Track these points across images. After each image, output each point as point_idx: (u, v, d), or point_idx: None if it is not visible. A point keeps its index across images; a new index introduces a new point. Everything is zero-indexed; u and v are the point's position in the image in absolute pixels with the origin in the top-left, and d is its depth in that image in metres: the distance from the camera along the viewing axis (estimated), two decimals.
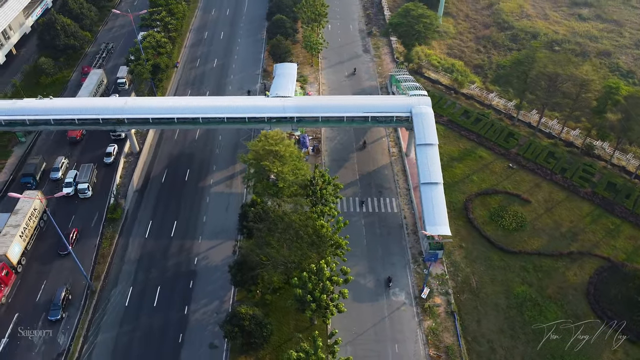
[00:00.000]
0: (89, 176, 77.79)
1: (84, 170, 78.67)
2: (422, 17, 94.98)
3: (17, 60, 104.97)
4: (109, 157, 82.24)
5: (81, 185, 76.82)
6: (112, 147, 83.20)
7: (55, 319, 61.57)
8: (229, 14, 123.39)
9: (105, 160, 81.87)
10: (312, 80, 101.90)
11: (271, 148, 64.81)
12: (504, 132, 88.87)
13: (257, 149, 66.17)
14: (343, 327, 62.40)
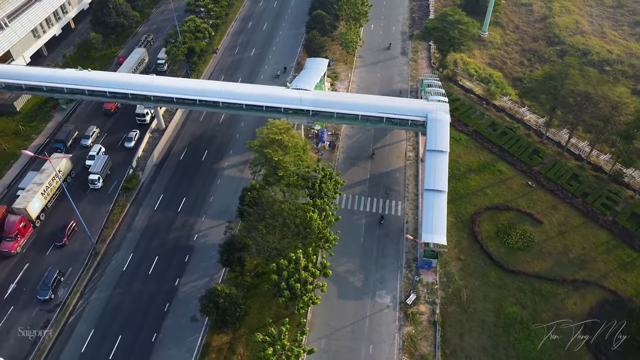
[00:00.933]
0: (102, 168, 78.28)
1: (99, 161, 79.03)
2: (458, 24, 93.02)
3: (73, 34, 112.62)
4: (129, 141, 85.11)
5: (92, 176, 77.28)
6: (135, 133, 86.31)
7: (43, 298, 63.31)
8: (276, 6, 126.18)
9: (125, 145, 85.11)
10: (344, 77, 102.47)
11: (275, 136, 66.26)
12: (529, 149, 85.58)
13: (263, 136, 67.89)
14: (322, 320, 63.18)
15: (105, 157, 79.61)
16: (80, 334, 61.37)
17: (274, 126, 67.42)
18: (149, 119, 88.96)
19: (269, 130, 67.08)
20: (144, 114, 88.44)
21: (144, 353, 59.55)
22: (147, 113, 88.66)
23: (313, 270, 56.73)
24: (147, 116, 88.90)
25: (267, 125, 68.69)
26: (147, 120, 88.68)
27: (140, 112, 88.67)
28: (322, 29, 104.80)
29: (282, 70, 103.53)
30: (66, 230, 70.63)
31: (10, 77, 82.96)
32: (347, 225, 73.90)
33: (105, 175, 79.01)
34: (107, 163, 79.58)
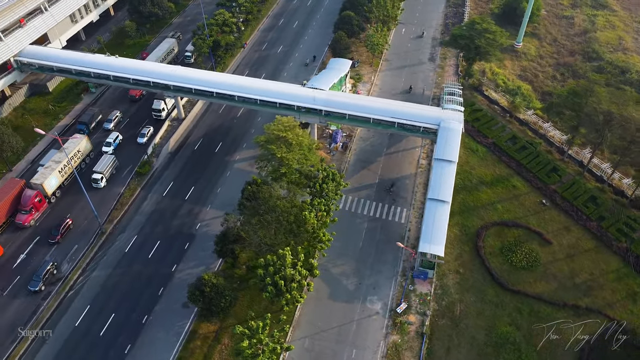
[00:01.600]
0: (107, 167, 78.31)
1: (104, 161, 78.94)
2: (485, 32, 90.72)
3: (111, 21, 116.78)
4: (142, 137, 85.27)
5: (95, 175, 77.33)
6: (148, 129, 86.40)
7: (34, 289, 64.06)
8: (309, 5, 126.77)
9: (138, 140, 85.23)
10: (367, 80, 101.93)
11: (279, 133, 66.77)
12: (547, 166, 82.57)
13: (269, 132, 68.53)
14: (310, 319, 63.30)
15: (111, 157, 79.91)
16: (76, 308, 63.95)
17: (280, 123, 67.92)
18: (164, 114, 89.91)
19: (275, 127, 67.66)
20: (160, 110, 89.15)
21: (133, 333, 61.43)
22: (164, 109, 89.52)
23: (300, 269, 56.86)
24: (163, 112, 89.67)
25: (274, 122, 69.28)
26: (162, 116, 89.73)
27: (157, 108, 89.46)
28: (350, 30, 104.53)
29: (312, 59, 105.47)
30: (60, 228, 70.89)
31: (43, 59, 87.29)
32: (348, 228, 73.76)
33: (109, 175, 79.11)
34: (112, 163, 79.67)
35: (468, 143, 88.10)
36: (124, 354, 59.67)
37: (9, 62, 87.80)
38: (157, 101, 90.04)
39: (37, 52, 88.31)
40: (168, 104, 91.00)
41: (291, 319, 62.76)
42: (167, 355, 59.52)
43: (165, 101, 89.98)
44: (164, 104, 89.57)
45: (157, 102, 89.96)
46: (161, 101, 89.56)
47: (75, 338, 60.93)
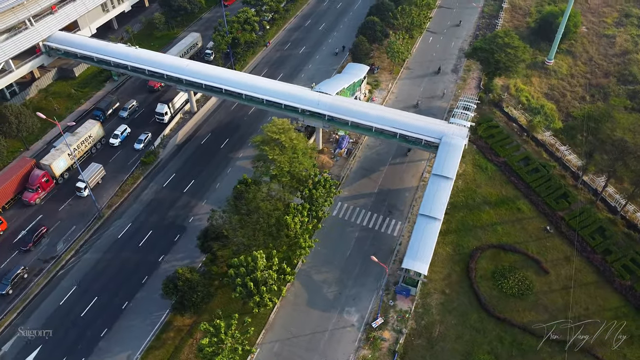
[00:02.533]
0: (92, 176, 77.00)
1: (90, 170, 77.57)
2: (507, 47, 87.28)
3: (145, 12, 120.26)
4: (139, 143, 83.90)
5: (79, 183, 76.40)
6: (146, 136, 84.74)
7: (1, 292, 63.88)
8: (339, 8, 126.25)
9: (135, 146, 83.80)
10: (384, 87, 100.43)
11: (272, 135, 66.80)
12: (558, 191, 78.67)
13: (265, 133, 68.67)
14: (284, 324, 63.08)
15: (98, 167, 78.49)
16: (63, 287, 66.38)
17: (275, 125, 67.95)
18: (167, 119, 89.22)
19: (269, 128, 67.74)
20: (163, 114, 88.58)
21: (111, 318, 63.13)
22: (166, 113, 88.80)
23: (272, 273, 56.74)
24: (166, 116, 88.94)
25: (270, 123, 69.36)
26: (165, 120, 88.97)
27: (160, 111, 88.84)
28: (372, 35, 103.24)
29: (341, 48, 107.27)
30: (33, 235, 70.20)
31: (69, 45, 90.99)
32: (338, 235, 73.03)
33: (94, 185, 77.69)
34: (99, 172, 78.35)
35: (478, 160, 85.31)
36: (99, 337, 61.43)
37: (38, 46, 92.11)
38: (160, 104, 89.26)
39: (64, 38, 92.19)
40: (173, 107, 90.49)
41: (264, 322, 62.76)
42: (139, 342, 60.82)
43: (169, 105, 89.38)
44: (167, 107, 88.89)
45: (160, 105, 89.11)
46: (164, 105, 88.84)
47: (57, 316, 63.26)
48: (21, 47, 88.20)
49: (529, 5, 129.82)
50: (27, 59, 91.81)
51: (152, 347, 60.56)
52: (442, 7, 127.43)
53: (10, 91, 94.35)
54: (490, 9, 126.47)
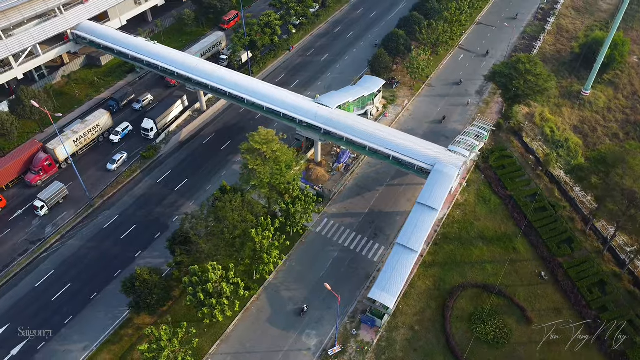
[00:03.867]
0: (52, 196, 74.47)
1: (51, 188, 75.20)
2: (528, 74, 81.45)
3: (180, 7, 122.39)
4: (112, 163, 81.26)
5: (37, 202, 73.66)
6: (121, 156, 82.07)
7: None
8: (372, 17, 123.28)
9: (107, 166, 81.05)
10: (400, 103, 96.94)
11: (254, 145, 65.78)
12: (562, 235, 72.72)
13: (249, 142, 67.73)
14: (240, 337, 62.10)
15: (59, 186, 75.92)
16: (41, 270, 68.65)
17: (259, 135, 66.86)
18: (152, 135, 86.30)
19: (253, 137, 66.76)
20: (149, 129, 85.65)
21: (77, 306, 64.50)
22: (152, 129, 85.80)
23: (225, 286, 55.84)
24: (152, 132, 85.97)
25: (256, 132, 68.33)
26: (150, 136, 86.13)
27: (146, 127, 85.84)
28: (395, 48, 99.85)
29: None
30: None
31: (94, 35, 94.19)
32: (316, 253, 71.13)
33: (55, 204, 75.30)
34: (60, 192, 75.57)
35: (482, 191, 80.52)
36: (63, 323, 62.96)
37: (66, 34, 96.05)
38: (146, 120, 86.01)
39: (90, 28, 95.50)
40: (160, 123, 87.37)
41: (221, 333, 62.01)
42: (98, 335, 61.72)
43: (155, 121, 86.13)
44: (153, 123, 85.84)
45: (147, 120, 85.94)
46: (151, 120, 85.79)
47: (30, 297, 65.50)
48: (49, 34, 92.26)
49: (577, 28, 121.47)
50: (55, 45, 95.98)
51: (109, 342, 61.32)
52: (482, 24, 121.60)
53: (39, 74, 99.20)
54: (533, 30, 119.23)
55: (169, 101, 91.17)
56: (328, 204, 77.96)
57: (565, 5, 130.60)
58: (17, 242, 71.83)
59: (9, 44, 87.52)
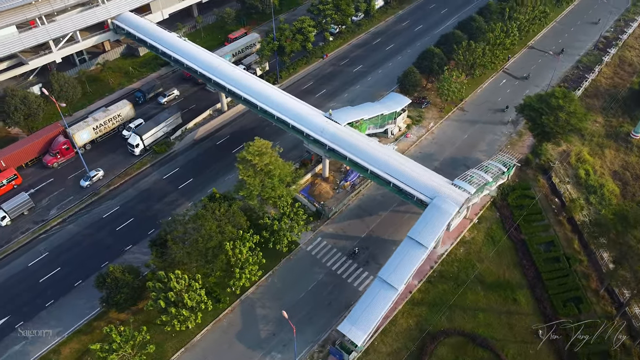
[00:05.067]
0: (15, 208, 73.62)
1: (16, 200, 73.98)
2: (560, 110, 74.42)
3: (224, 5, 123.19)
4: (86, 179, 78.85)
5: None
6: (96, 174, 79.48)
7: None
8: (416, 30, 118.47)
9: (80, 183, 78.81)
10: (425, 124, 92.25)
11: (247, 156, 64.50)
12: (571, 292, 66.09)
13: (244, 152, 66.52)
14: (205, 348, 61.30)
15: (24, 197, 74.88)
16: (37, 251, 71.15)
17: (254, 145, 65.49)
18: (138, 151, 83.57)
19: (247, 148, 65.47)
20: (134, 145, 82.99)
21: (61, 291, 66.10)
22: (138, 145, 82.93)
23: (185, 296, 55.03)
24: (137, 148, 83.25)
25: (252, 143, 67.01)
26: (136, 152, 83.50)
27: (131, 143, 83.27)
28: (428, 67, 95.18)
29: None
30: None
31: (131, 27, 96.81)
32: (301, 272, 68.97)
33: (17, 215, 74.19)
34: (24, 204, 74.42)
35: (493, 230, 74.89)
36: (44, 306, 64.83)
37: (107, 23, 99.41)
38: (133, 135, 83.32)
39: (129, 19, 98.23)
40: (147, 140, 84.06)
41: (187, 341, 61.35)
42: (72, 323, 62.84)
43: (142, 137, 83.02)
44: (140, 140, 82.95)
45: (133, 136, 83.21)
46: (137, 137, 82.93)
47: (20, 276, 68.08)
48: (88, 22, 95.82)
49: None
50: (95, 33, 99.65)
51: (80, 331, 62.38)
52: (534, 48, 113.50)
53: (80, 58, 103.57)
54: (590, 60, 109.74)
55: (161, 116, 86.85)
56: (325, 222, 75.42)
57: (634, 36, 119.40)
58: (22, 220, 74.99)
59: (49, 28, 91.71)
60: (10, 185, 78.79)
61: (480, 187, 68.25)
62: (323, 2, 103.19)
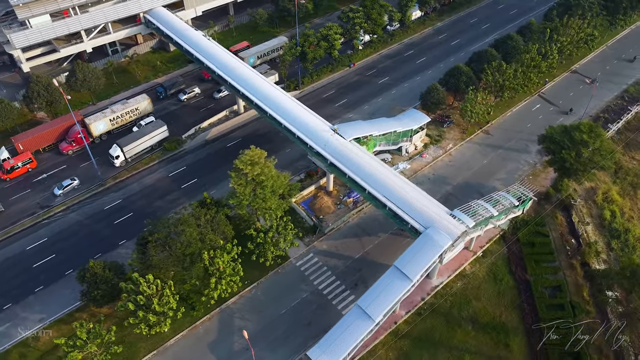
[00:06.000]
0: None
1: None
2: (582, 145, 68.44)
3: (261, 5, 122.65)
4: (59, 188, 77.85)
5: None
6: (70, 183, 78.70)
7: None
8: (453, 45, 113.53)
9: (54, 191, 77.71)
10: (445, 145, 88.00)
11: (238, 164, 63.31)
12: (571, 347, 60.53)
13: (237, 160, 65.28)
14: (177, 353, 61.07)
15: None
16: (38, 235, 73.11)
17: (248, 154, 64.16)
18: (118, 162, 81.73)
19: (241, 157, 64.22)
20: (114, 157, 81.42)
21: (51, 278, 67.33)
22: (118, 157, 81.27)
23: (155, 301, 54.57)
24: (118, 159, 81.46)
25: (247, 151, 65.68)
26: (116, 164, 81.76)
27: (111, 154, 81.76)
28: (454, 85, 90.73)
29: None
30: None
31: (160, 22, 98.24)
32: (286, 287, 67.29)
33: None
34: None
35: (497, 267, 70.29)
36: (33, 291, 66.40)
37: (139, 16, 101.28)
38: (115, 146, 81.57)
39: (160, 14, 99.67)
40: (129, 152, 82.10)
41: (160, 344, 61.01)
42: (56, 310, 63.75)
43: (123, 149, 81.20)
44: (120, 151, 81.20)
45: (114, 147, 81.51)
46: (118, 148, 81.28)
47: (16, 259, 70.16)
48: (120, 15, 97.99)
49: None
50: (127, 25, 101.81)
51: (61, 320, 63.28)
52: (577, 72, 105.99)
53: (112, 49, 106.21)
54: (637, 90, 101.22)
55: (145, 129, 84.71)
56: (320, 238, 73.26)
57: None
58: (30, 204, 77.48)
59: (82, 19, 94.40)
60: (25, 169, 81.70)
61: (482, 220, 63.93)
62: (354, 10, 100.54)
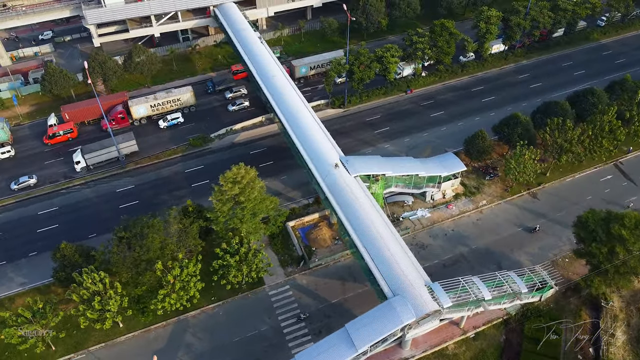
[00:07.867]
0: None
1: None
2: (619, 241, 55.57)
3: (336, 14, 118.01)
4: (15, 184, 78.83)
5: None
6: (27, 180, 79.44)
7: None
8: (531, 88, 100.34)
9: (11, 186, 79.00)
10: (478, 200, 78.23)
11: (222, 183, 61.12)
12: None
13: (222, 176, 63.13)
14: (123, 353, 60.96)
15: None
16: (51, 203, 77.85)
17: (233, 172, 61.70)
18: (79, 168, 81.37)
19: (225, 173, 61.91)
20: (75, 162, 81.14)
21: (46, 247, 69.38)
22: (79, 162, 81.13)
23: (96, 298, 54.83)
24: (78, 165, 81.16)
25: (234, 167, 63.23)
26: (77, 169, 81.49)
27: (74, 159, 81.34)
28: (508, 135, 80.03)
29: None
30: None
31: (224, 17, 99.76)
32: (249, 315, 64.47)
33: None
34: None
35: (487, 356, 60.77)
36: (27, 255, 70.43)
37: (209, 9, 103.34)
38: (77, 152, 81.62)
39: (227, 10, 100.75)
40: (90, 160, 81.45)
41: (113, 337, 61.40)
42: (37, 279, 67.04)
43: (85, 156, 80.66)
44: (81, 157, 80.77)
45: (77, 153, 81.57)
46: (79, 153, 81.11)
47: (26, 220, 75.17)
48: (189, 5, 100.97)
49: None
50: (197, 16, 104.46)
51: (37, 289, 66.46)
52: None
53: (183, 37, 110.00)
54: None
55: (112, 141, 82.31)
56: (304, 271, 68.95)
57: None
58: (57, 172, 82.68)
59: (152, 4, 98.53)
60: (66, 137, 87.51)
61: (466, 302, 55.26)
62: (420, 33, 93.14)
